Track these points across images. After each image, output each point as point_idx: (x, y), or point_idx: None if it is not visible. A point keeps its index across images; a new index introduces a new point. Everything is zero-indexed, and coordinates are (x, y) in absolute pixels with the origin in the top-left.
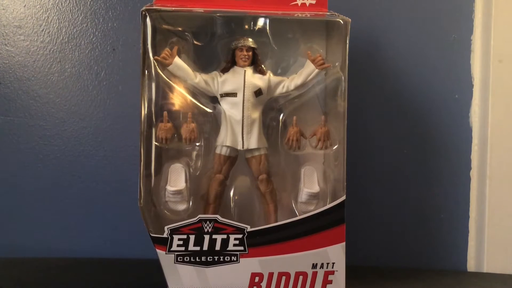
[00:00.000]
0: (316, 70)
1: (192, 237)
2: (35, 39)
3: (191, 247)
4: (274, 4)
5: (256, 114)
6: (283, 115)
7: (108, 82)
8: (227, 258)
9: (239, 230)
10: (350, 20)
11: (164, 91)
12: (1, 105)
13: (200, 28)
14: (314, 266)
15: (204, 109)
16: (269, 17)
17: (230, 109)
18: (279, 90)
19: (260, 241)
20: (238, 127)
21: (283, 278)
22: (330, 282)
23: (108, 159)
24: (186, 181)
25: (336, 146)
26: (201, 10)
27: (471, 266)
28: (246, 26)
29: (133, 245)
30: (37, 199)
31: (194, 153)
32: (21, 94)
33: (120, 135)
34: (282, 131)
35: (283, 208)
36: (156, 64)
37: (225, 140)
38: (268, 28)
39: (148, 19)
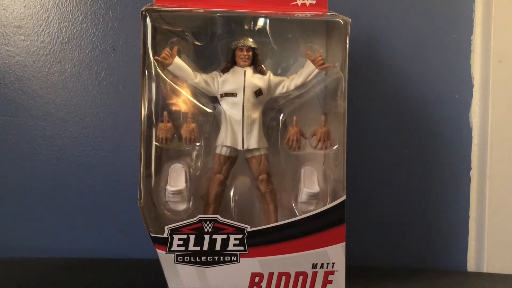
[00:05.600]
0: (316, 70)
1: (192, 237)
2: (35, 39)
3: (191, 247)
4: (274, 4)
5: (256, 114)
6: (283, 115)
7: (108, 82)
8: (227, 258)
9: (239, 230)
10: (350, 20)
11: (164, 91)
12: (1, 105)
13: (200, 28)
14: (314, 266)
15: (204, 109)
16: (269, 17)
17: (230, 109)
18: (279, 90)
19: (260, 241)
20: (238, 127)
21: (283, 278)
22: (330, 282)
23: (108, 159)
24: (186, 181)
25: (336, 146)
26: (201, 10)
27: (471, 266)
28: (246, 26)
29: (133, 245)
30: (37, 199)
31: (194, 153)
32: (21, 94)
33: (120, 135)
34: (282, 131)
35: (283, 208)
36: (156, 64)
37: (225, 140)
38: (268, 28)
39: (148, 19)
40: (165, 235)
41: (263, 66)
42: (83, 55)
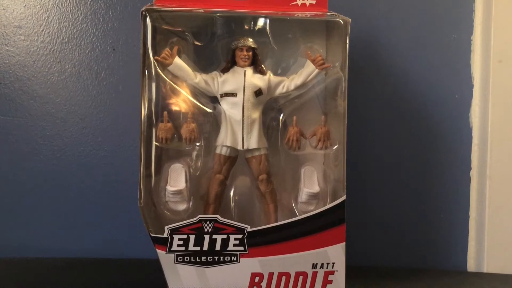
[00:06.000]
0: (316, 70)
1: (192, 237)
2: (35, 39)
3: (191, 247)
4: (274, 4)
5: (256, 114)
6: (283, 115)
7: (108, 82)
8: (227, 258)
9: (239, 230)
10: (350, 20)
11: (164, 91)
12: (1, 105)
13: (200, 28)
14: (314, 266)
15: (204, 109)
16: (269, 17)
17: (230, 109)
18: (279, 90)
19: (260, 241)
20: (238, 127)
21: (283, 278)
22: (330, 282)
23: (108, 159)
24: (186, 181)
25: (336, 146)
26: (201, 10)
27: (471, 266)
28: (246, 26)
29: (133, 245)
30: (37, 199)
31: (194, 153)
32: (21, 94)
33: (120, 135)
34: (282, 131)
35: (283, 208)
36: (156, 64)
37: (225, 140)
38: (268, 28)
39: (148, 19)
40: (165, 235)
41: (263, 66)
42: (83, 55)
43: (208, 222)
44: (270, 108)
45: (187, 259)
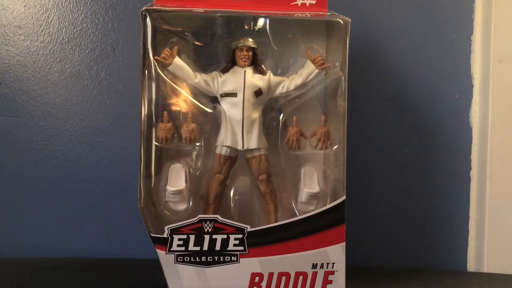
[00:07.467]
0: (316, 70)
1: (192, 237)
2: (35, 39)
3: (191, 247)
4: (274, 4)
5: (256, 114)
6: (283, 115)
7: (108, 82)
8: (227, 258)
9: (239, 230)
10: (350, 20)
11: (164, 91)
12: (1, 105)
13: (200, 28)
14: (314, 266)
15: (204, 109)
16: (269, 17)
17: (230, 109)
18: (279, 90)
19: (260, 241)
20: (238, 127)
21: (283, 278)
22: (330, 282)
23: (108, 159)
24: (186, 181)
25: (336, 146)
26: (201, 10)
27: (471, 266)
28: (246, 26)
29: (133, 245)
30: (37, 199)
31: (194, 153)
32: (21, 94)
33: (120, 135)
34: (282, 131)
35: (283, 208)
36: (156, 64)
37: (225, 140)
38: (268, 28)
39: (148, 19)
40: (165, 235)
41: (263, 66)
42: (83, 55)
43: (208, 222)
44: (270, 108)
45: (187, 259)
